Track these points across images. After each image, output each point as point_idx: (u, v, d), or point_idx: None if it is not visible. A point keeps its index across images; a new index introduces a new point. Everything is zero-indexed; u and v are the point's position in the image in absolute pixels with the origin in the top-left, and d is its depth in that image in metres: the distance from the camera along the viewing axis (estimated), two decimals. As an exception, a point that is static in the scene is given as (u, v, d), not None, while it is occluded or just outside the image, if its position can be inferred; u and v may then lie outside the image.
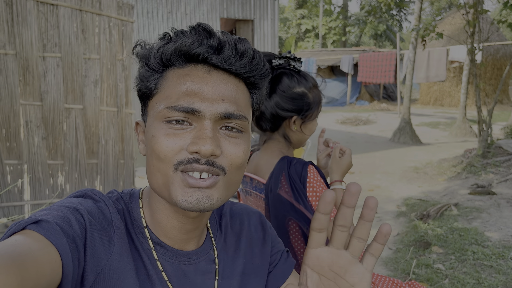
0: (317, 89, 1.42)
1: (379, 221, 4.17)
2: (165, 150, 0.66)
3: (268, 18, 10.96)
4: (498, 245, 3.39)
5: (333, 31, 30.13)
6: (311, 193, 1.32)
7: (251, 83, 0.73)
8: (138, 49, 0.73)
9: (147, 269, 0.71)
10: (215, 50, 0.68)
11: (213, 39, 0.67)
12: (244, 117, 0.69)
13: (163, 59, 0.69)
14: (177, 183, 0.66)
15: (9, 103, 3.54)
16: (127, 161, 4.04)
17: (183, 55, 0.68)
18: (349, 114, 13.57)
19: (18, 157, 3.65)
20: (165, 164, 0.66)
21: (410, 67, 8.96)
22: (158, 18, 9.52)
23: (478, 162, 5.83)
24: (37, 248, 0.54)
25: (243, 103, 0.71)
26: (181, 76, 0.68)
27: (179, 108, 0.65)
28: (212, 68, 0.69)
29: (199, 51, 0.67)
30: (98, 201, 0.72)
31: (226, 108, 0.67)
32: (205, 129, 0.65)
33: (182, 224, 0.74)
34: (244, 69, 0.70)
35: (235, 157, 0.68)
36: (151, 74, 0.71)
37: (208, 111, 0.66)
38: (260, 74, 0.73)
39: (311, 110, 1.39)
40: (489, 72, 15.05)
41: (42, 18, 3.55)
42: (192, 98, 0.66)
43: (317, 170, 1.36)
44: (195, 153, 0.65)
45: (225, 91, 0.67)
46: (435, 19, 13.41)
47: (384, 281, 1.49)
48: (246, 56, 0.69)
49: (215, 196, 0.67)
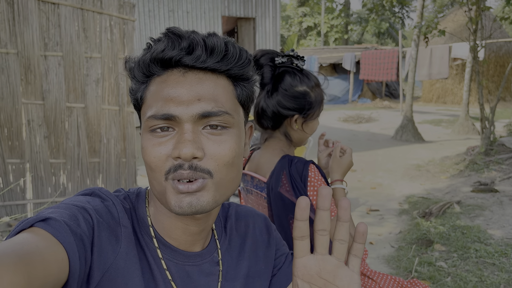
0: (319, 88, 1.42)
1: (382, 219, 4.16)
2: (154, 161, 0.67)
3: (269, 16, 10.94)
4: (500, 243, 3.39)
5: (335, 28, 30.05)
6: (311, 192, 1.31)
7: (232, 75, 0.72)
8: (128, 64, 0.73)
9: (151, 268, 0.72)
10: (187, 52, 0.67)
11: (183, 41, 0.67)
12: (225, 112, 0.68)
13: (143, 70, 0.70)
14: (170, 191, 0.67)
15: (11, 102, 3.55)
16: (129, 160, 4.04)
17: (158, 62, 0.69)
18: (351, 112, 13.55)
19: (20, 156, 3.66)
20: (157, 174, 0.67)
21: (412, 64, 8.93)
22: (160, 17, 9.51)
23: (481, 159, 5.81)
24: (44, 246, 0.54)
25: (224, 98, 0.69)
26: (159, 84, 0.69)
27: (157, 116, 0.66)
28: (187, 70, 0.68)
29: (170, 55, 0.67)
30: (106, 200, 0.72)
31: (202, 108, 0.66)
32: (184, 133, 0.65)
33: (186, 225, 0.74)
34: (218, 64, 0.69)
35: (220, 156, 0.67)
36: (138, 86, 0.72)
37: (184, 114, 0.65)
38: (239, 65, 0.71)
39: (313, 109, 1.39)
40: (491, 69, 15.00)
41: (43, 17, 3.55)
42: (168, 104, 0.66)
43: (318, 169, 1.35)
44: (177, 158, 0.65)
45: (201, 90, 0.67)
46: (438, 16, 13.37)
47: (386, 279, 1.48)
48: (216, 51, 0.68)
49: (205, 198, 0.67)
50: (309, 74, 1.40)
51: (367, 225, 0.58)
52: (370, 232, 3.83)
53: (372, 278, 1.49)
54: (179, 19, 9.76)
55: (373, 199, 4.83)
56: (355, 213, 4.36)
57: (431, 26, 6.50)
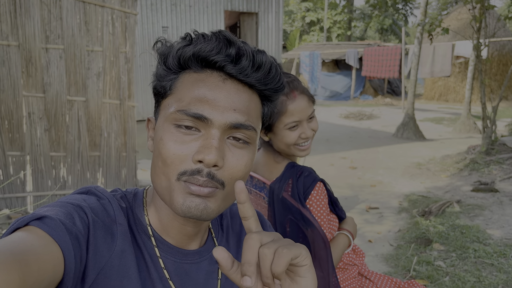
0: (280, 98, 1.36)
1: (381, 217, 4.16)
2: (171, 157, 0.66)
3: (272, 11, 10.89)
4: (499, 243, 3.38)
5: (338, 24, 29.93)
6: (310, 208, 1.32)
7: (264, 95, 0.73)
8: (158, 45, 0.72)
9: (148, 267, 0.72)
10: (233, 60, 0.67)
11: (232, 48, 0.67)
12: (253, 128, 0.69)
13: (180, 61, 0.69)
14: (179, 191, 0.67)
15: (12, 95, 3.54)
16: (129, 154, 4.04)
17: (200, 60, 0.68)
18: (353, 109, 13.52)
19: (21, 148, 3.66)
20: (170, 170, 0.67)
21: (415, 62, 8.89)
22: (162, 10, 9.47)
23: (482, 159, 5.80)
24: (39, 245, 0.54)
25: (254, 115, 0.71)
26: (196, 81, 0.68)
27: (189, 113, 0.66)
28: (228, 77, 0.69)
29: (216, 58, 0.67)
30: (101, 198, 0.72)
31: (236, 118, 0.67)
32: (212, 138, 0.65)
33: (183, 225, 0.74)
34: (259, 81, 0.70)
35: (236, 170, 0.68)
36: (168, 74, 0.71)
37: (217, 119, 0.66)
38: (275, 88, 0.73)
39: (268, 121, 1.36)
40: (494, 68, 14.93)
41: (45, 9, 3.54)
42: (203, 105, 0.66)
43: (326, 189, 1.35)
44: (199, 162, 0.65)
45: (237, 101, 0.68)
46: (441, 13, 13.29)
47: (384, 280, 1.48)
48: (262, 69, 0.69)
49: (212, 206, 0.68)
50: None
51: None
52: (369, 230, 3.83)
53: (370, 278, 1.49)
54: (182, 13, 9.72)
55: (373, 196, 4.83)
56: (355, 210, 4.36)
57: (435, 23, 6.46)
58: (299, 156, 1.39)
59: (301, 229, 1.28)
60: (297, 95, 1.33)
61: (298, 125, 1.34)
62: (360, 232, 3.74)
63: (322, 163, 6.47)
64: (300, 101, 1.33)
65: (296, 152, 1.38)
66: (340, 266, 1.46)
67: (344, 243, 1.40)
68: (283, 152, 1.41)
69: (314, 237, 1.25)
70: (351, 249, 1.51)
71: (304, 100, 1.34)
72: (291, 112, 1.32)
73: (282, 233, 1.33)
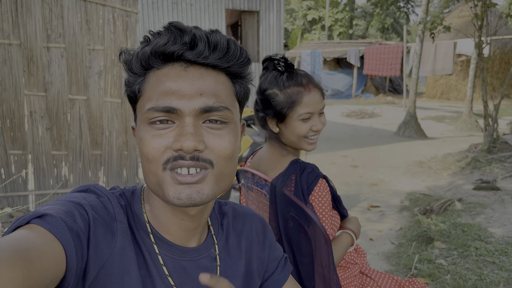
0: (297, 89, 1.36)
1: (382, 216, 4.16)
2: (152, 152, 0.67)
3: (274, 9, 10.88)
4: (501, 241, 3.38)
5: (339, 23, 29.89)
6: (313, 202, 1.32)
7: (231, 73, 0.74)
8: (123, 57, 0.74)
9: (147, 264, 0.72)
10: (189, 47, 0.68)
11: (185, 36, 0.68)
12: (225, 107, 0.70)
13: (142, 62, 0.71)
14: (168, 182, 0.68)
15: (14, 94, 3.55)
16: (131, 152, 4.05)
17: (159, 56, 0.69)
18: (354, 107, 13.51)
19: (23, 147, 3.67)
20: (154, 165, 0.68)
21: (416, 60, 8.88)
22: (163, 9, 9.47)
23: (483, 157, 5.79)
24: (41, 242, 0.54)
25: (224, 94, 0.71)
26: (160, 77, 0.69)
27: (158, 109, 0.67)
28: (189, 64, 0.69)
29: (173, 49, 0.68)
30: (101, 196, 0.73)
31: (204, 102, 0.68)
32: (186, 126, 0.66)
33: (181, 220, 0.75)
34: (220, 60, 0.70)
35: (220, 149, 0.69)
36: (135, 79, 0.72)
37: (186, 107, 0.67)
38: (239, 63, 0.73)
39: (282, 110, 1.36)
40: (496, 66, 14.90)
41: (46, 8, 3.54)
42: (170, 97, 0.67)
43: (329, 185, 1.35)
44: (179, 150, 0.66)
45: (202, 86, 0.68)
46: (443, 11, 13.23)
47: (385, 278, 1.49)
48: (219, 47, 0.69)
49: (205, 190, 0.68)
50: (293, 76, 1.37)
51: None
52: (371, 228, 3.83)
53: (371, 276, 1.49)
54: (183, 11, 9.72)
55: (374, 195, 4.83)
56: (356, 209, 4.36)
57: (436, 21, 6.45)
58: (306, 150, 1.42)
59: (303, 226, 1.28)
60: (312, 88, 1.37)
61: (311, 117, 1.38)
62: (362, 231, 3.74)
63: (323, 161, 6.47)
64: (314, 94, 1.37)
65: (304, 145, 1.41)
66: (342, 264, 1.46)
67: (347, 242, 1.40)
68: (291, 145, 1.43)
69: (315, 234, 1.26)
70: (353, 248, 1.51)
71: (318, 94, 1.38)
72: (306, 103, 1.35)
73: (284, 228, 1.33)
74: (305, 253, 1.28)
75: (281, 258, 0.95)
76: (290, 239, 1.31)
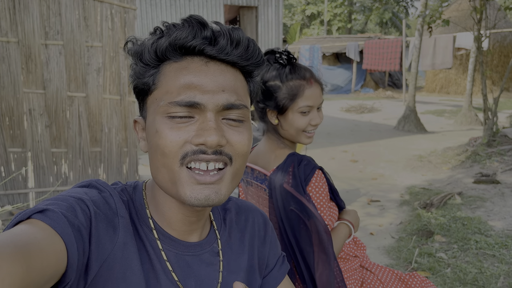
0: (299, 82, 1.37)
1: (383, 210, 4.17)
2: (169, 145, 0.66)
3: (272, 5, 10.84)
4: (501, 234, 3.39)
5: (338, 17, 29.81)
6: (310, 194, 1.33)
7: (247, 71, 0.74)
8: (129, 46, 0.72)
9: (151, 259, 0.72)
10: (210, 41, 0.67)
11: (207, 30, 0.67)
12: (244, 106, 0.70)
13: (158, 54, 0.69)
14: (184, 180, 0.67)
15: (12, 91, 3.54)
16: (131, 149, 4.05)
17: (178, 49, 0.68)
18: (354, 102, 13.50)
19: (22, 145, 3.67)
20: (170, 159, 0.67)
21: (416, 54, 8.86)
22: (161, 5, 9.44)
23: (483, 150, 5.79)
24: (42, 237, 0.54)
25: (242, 92, 0.71)
26: (179, 70, 0.68)
27: (181, 103, 0.66)
28: (209, 59, 0.69)
29: (194, 43, 0.67)
30: (103, 191, 0.72)
31: (227, 99, 0.67)
32: (209, 121, 0.66)
33: (187, 217, 0.75)
34: (241, 58, 0.70)
35: (240, 145, 0.69)
36: (147, 70, 0.71)
37: (210, 103, 0.66)
38: (256, 62, 0.73)
39: (283, 102, 1.37)
40: (495, 59, 14.88)
41: (44, 5, 3.53)
42: (193, 91, 0.66)
43: (325, 177, 1.36)
44: (201, 145, 0.65)
45: (224, 82, 0.68)
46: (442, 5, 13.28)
47: (385, 272, 1.49)
48: (241, 45, 0.69)
49: (223, 191, 0.68)
50: (295, 69, 1.38)
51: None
52: (371, 222, 3.83)
53: (371, 270, 1.49)
54: (181, 7, 9.69)
55: (374, 189, 4.83)
56: (356, 203, 4.36)
57: (435, 15, 6.43)
58: (304, 143, 1.43)
59: (302, 219, 1.29)
60: (313, 82, 1.39)
61: (310, 111, 1.39)
62: (362, 225, 3.74)
63: (323, 156, 6.47)
64: (315, 88, 1.39)
65: (302, 139, 1.42)
66: (342, 256, 1.47)
67: (344, 232, 1.41)
68: (289, 138, 1.44)
69: (315, 227, 1.27)
70: (353, 241, 1.51)
71: (318, 88, 1.40)
72: (307, 97, 1.37)
73: (286, 219, 1.34)
74: (308, 242, 1.30)
75: (280, 256, 0.95)
76: (294, 229, 1.32)
